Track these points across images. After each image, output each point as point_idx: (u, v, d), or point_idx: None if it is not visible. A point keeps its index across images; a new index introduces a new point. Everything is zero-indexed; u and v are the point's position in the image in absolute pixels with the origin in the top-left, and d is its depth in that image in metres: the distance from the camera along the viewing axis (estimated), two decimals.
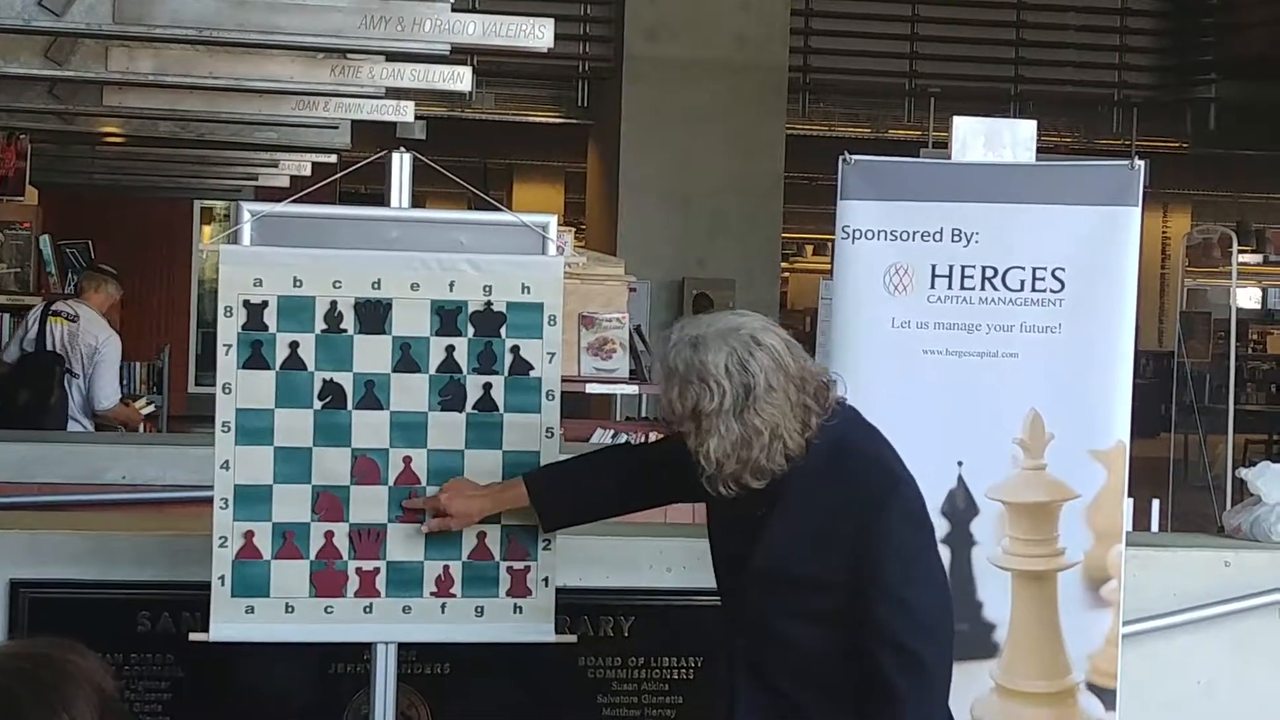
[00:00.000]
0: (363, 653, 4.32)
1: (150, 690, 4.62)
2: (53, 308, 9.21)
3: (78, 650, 2.29)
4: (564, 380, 4.24)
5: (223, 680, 4.61)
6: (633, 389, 8.28)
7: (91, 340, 8.91)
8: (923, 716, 3.31)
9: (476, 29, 6.22)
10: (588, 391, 7.85)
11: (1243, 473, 5.24)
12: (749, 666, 3.46)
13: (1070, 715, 4.52)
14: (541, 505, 3.94)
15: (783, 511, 3.34)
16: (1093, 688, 4.51)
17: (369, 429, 4.01)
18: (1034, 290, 4.47)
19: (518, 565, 4.07)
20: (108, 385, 8.94)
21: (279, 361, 3.98)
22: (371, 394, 4.01)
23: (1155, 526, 6.46)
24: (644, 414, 9.32)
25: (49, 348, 8.96)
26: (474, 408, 4.05)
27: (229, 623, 3.99)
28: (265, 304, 3.97)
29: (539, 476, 3.99)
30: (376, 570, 4.02)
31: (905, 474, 3.40)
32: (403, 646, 4.23)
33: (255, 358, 3.97)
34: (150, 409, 10.28)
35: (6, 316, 11.74)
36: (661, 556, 4.83)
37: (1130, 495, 4.66)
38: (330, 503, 4.00)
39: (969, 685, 4.45)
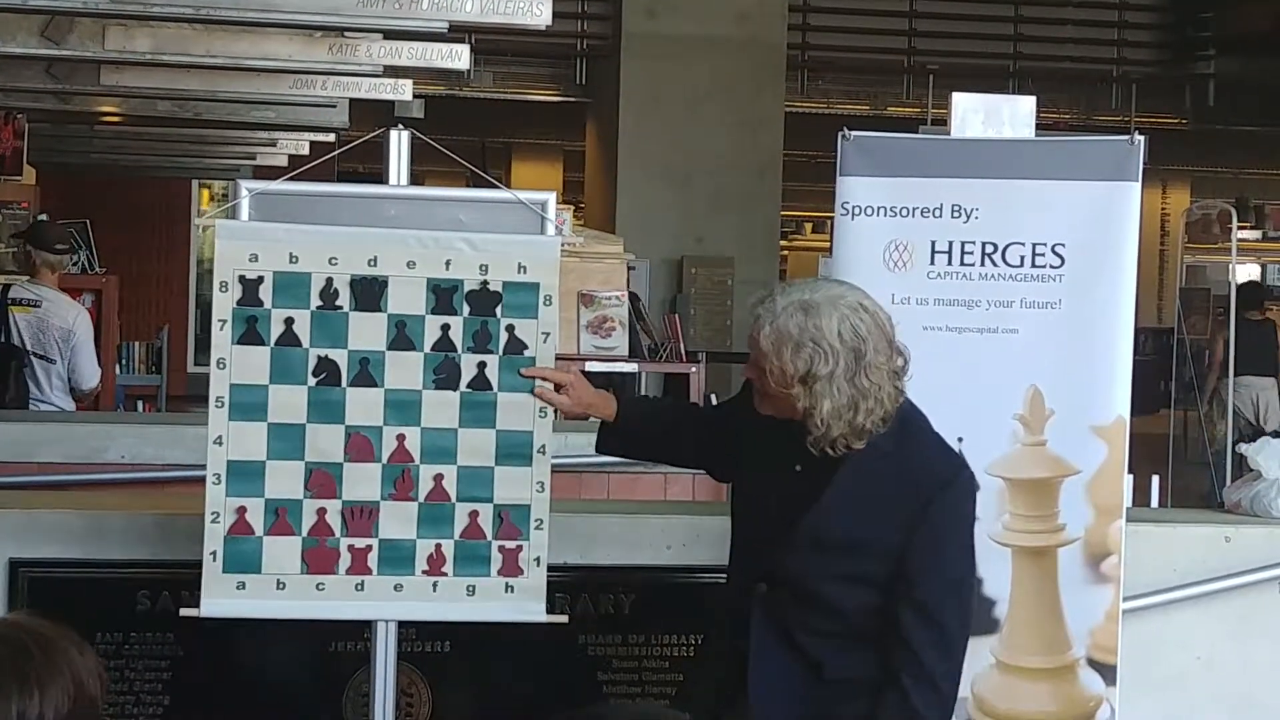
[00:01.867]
0: (363, 631, 4.31)
1: (150, 669, 4.63)
2: (10, 295, 8.63)
3: (77, 643, 2.26)
4: (564, 358, 4.23)
5: (223, 659, 4.61)
6: (631, 367, 8.26)
7: (62, 323, 8.51)
8: (941, 701, 3.45)
9: (474, 7, 6.18)
10: (587, 369, 7.82)
11: (1243, 448, 5.24)
12: (770, 620, 3.50)
13: (1070, 690, 4.51)
14: (618, 425, 3.96)
15: (842, 479, 3.41)
16: (1093, 663, 4.51)
17: (363, 406, 4.00)
18: (1034, 266, 4.46)
19: (509, 545, 4.06)
20: (89, 365, 8.66)
21: (274, 337, 3.96)
22: (366, 371, 3.99)
23: (1155, 502, 6.44)
24: (643, 392, 9.28)
25: (14, 341, 8.51)
26: (468, 386, 4.03)
27: (220, 598, 3.98)
28: (261, 279, 3.95)
29: (631, 402, 4.29)
30: (369, 548, 4.01)
31: (965, 461, 3.55)
32: (403, 625, 4.23)
33: (250, 333, 3.95)
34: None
35: None
36: (662, 534, 4.82)
37: (1130, 471, 4.66)
38: (323, 479, 3.99)
39: (969, 661, 4.43)
